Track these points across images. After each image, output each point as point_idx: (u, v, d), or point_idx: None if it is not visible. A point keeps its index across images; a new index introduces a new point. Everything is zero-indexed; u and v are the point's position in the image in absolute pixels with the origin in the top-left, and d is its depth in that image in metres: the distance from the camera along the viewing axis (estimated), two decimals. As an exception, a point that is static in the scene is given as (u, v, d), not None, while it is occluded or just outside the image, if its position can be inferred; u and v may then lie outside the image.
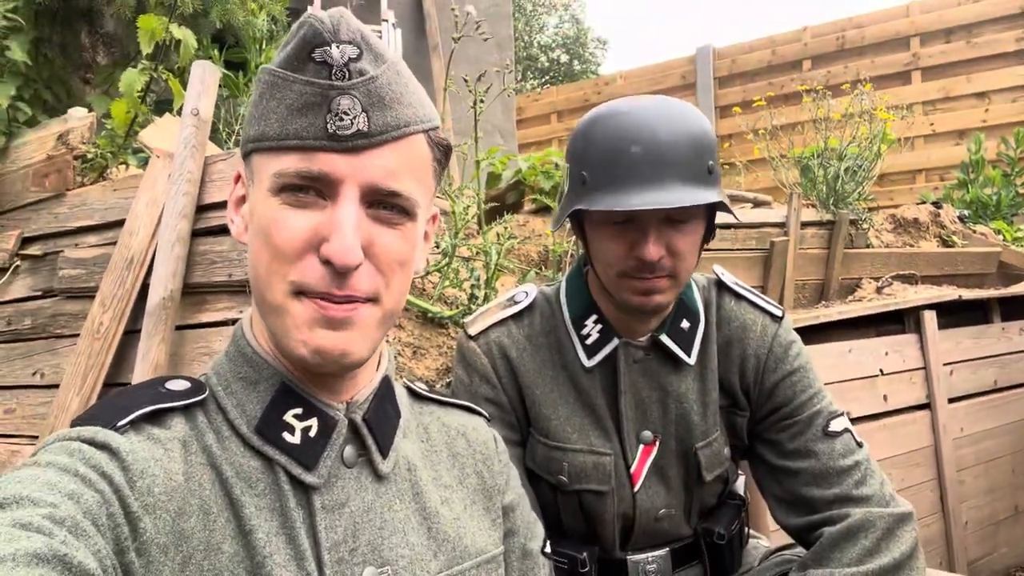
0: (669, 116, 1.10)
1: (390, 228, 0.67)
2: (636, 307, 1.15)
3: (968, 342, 2.89)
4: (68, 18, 2.53)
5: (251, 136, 0.68)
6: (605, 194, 1.09)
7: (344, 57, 0.64)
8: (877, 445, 2.49)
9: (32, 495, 0.53)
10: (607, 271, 1.16)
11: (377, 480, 0.73)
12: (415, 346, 1.87)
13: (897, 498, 1.17)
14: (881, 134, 3.34)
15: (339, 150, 0.64)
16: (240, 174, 0.74)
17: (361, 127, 0.64)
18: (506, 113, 5.83)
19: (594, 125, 1.14)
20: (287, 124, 0.64)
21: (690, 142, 1.09)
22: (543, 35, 17.58)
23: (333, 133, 0.63)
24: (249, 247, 0.70)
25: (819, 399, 1.24)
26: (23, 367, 2.09)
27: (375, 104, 0.65)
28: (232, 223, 0.75)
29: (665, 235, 1.10)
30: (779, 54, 6.45)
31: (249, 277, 0.71)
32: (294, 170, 0.64)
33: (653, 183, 1.06)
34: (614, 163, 1.09)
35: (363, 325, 0.67)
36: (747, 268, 2.97)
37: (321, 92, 0.63)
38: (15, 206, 2.28)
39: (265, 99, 0.66)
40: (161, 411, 0.67)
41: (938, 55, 5.73)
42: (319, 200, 0.65)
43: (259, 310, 0.70)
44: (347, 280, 0.64)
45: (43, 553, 0.48)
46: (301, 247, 0.64)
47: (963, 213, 3.81)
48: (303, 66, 0.64)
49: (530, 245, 2.40)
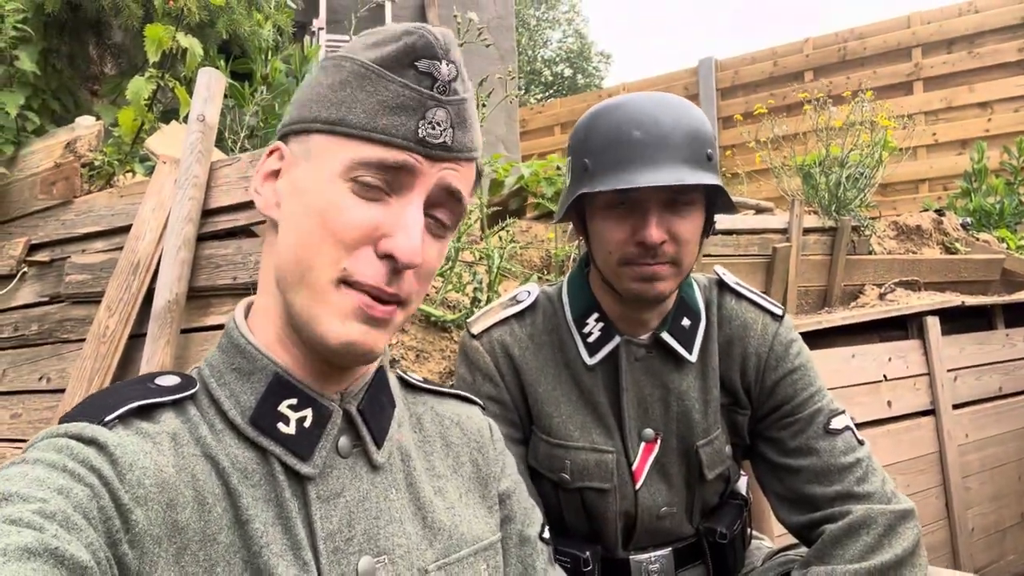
0: (669, 105, 1.13)
1: (435, 240, 0.71)
2: (637, 294, 1.16)
3: (972, 348, 2.89)
4: (76, 29, 2.57)
5: (324, 118, 0.68)
6: (607, 176, 1.10)
7: (450, 75, 0.68)
8: (881, 451, 2.48)
9: (21, 491, 0.53)
10: (608, 260, 1.16)
11: (372, 470, 0.74)
12: (418, 350, 1.88)
13: (898, 495, 1.17)
14: (883, 141, 3.35)
15: (423, 155, 0.67)
16: (279, 147, 0.73)
17: (447, 140, 0.68)
18: (509, 124, 5.87)
19: (596, 118, 1.17)
20: (377, 118, 0.66)
21: (689, 129, 1.11)
22: (547, 49, 17.71)
23: (423, 139, 0.66)
24: (285, 224, 0.69)
25: (820, 397, 1.24)
26: (29, 372, 2.10)
27: (460, 124, 0.69)
28: (258, 194, 0.73)
29: (666, 219, 1.11)
30: (781, 65, 6.48)
31: (280, 255, 0.69)
32: (378, 159, 0.66)
33: (655, 164, 1.08)
34: (616, 146, 1.11)
35: (393, 325, 0.69)
36: (749, 274, 2.97)
37: (420, 99, 0.66)
38: (23, 213, 2.30)
39: (350, 87, 0.67)
40: (150, 406, 0.67)
41: (940, 65, 5.76)
42: (385, 196, 0.67)
43: (287, 290, 0.69)
44: (400, 279, 0.66)
45: (34, 547, 0.48)
46: (359, 237, 0.65)
47: (966, 221, 3.81)
48: (404, 70, 0.66)
49: (532, 250, 2.41)
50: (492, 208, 2.40)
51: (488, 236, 2.02)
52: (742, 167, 4.99)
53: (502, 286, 2.03)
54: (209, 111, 1.87)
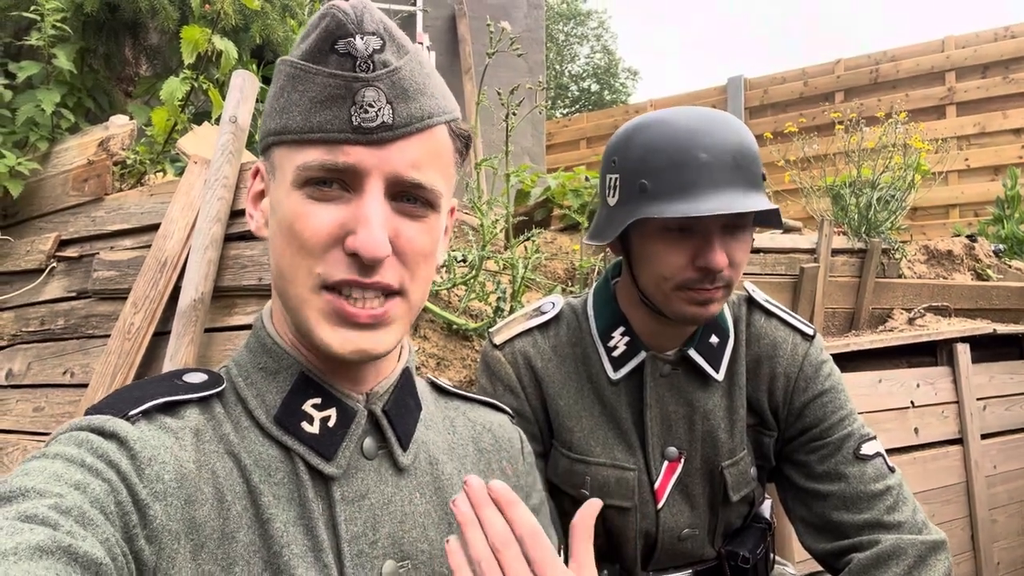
0: (724, 123, 1.09)
1: (414, 221, 0.67)
2: (691, 318, 1.12)
3: (1002, 377, 2.82)
4: (114, 30, 2.60)
5: (272, 129, 0.67)
6: (673, 200, 1.05)
7: (368, 48, 0.63)
8: (907, 479, 2.42)
9: (38, 486, 0.53)
10: (661, 284, 1.12)
11: (397, 473, 0.73)
12: (439, 357, 1.86)
13: (930, 526, 1.14)
14: (915, 163, 3.30)
15: (364, 143, 0.63)
16: (259, 169, 0.73)
17: (386, 119, 0.63)
18: (536, 137, 5.88)
19: (647, 131, 1.11)
20: (311, 117, 0.63)
21: (746, 149, 1.08)
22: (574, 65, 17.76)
23: (358, 126, 0.63)
24: (271, 242, 0.69)
25: (851, 421, 1.21)
26: (54, 366, 2.12)
27: (399, 96, 0.64)
28: (251, 218, 0.74)
29: (726, 244, 1.08)
30: (811, 86, 6.43)
31: (271, 271, 0.70)
32: (319, 163, 0.63)
33: (721, 188, 1.05)
34: (681, 168, 1.06)
35: (391, 320, 0.67)
36: (776, 293, 2.93)
37: (345, 84, 0.63)
38: (54, 209, 2.33)
39: (286, 92, 0.65)
40: (175, 403, 0.67)
41: (974, 90, 5.67)
42: (344, 193, 0.64)
43: (283, 304, 0.69)
44: (374, 272, 0.64)
45: (46, 545, 0.48)
46: (327, 241, 0.64)
47: (998, 247, 3.74)
48: (325, 58, 0.63)
49: (556, 262, 2.40)
50: (518, 218, 2.39)
51: (513, 246, 2.01)
52: (771, 187, 4.95)
53: (525, 296, 2.02)
54: (241, 113, 1.88)
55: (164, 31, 2.63)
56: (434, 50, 5.04)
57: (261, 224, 0.73)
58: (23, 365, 2.19)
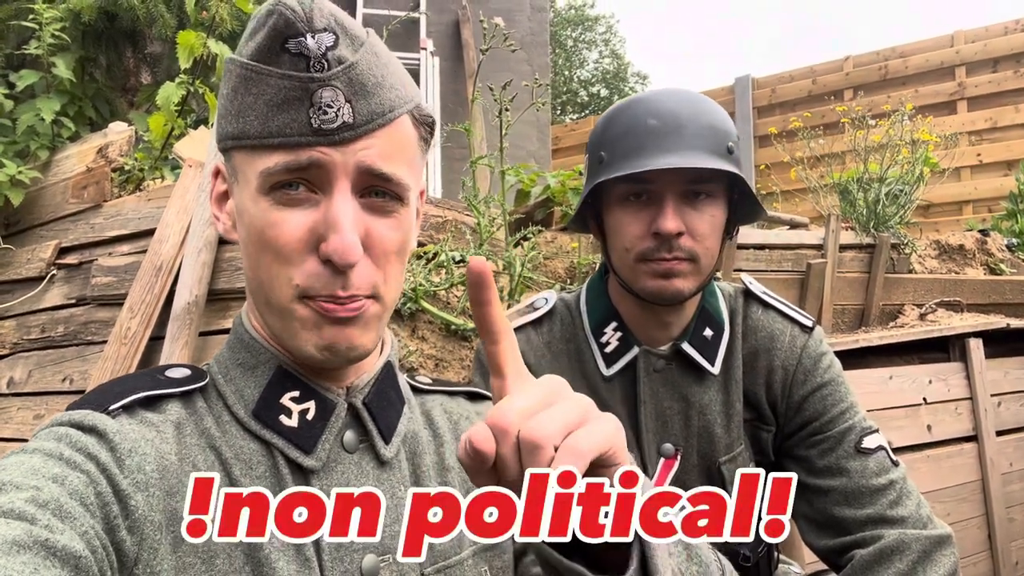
0: (688, 98, 1.11)
1: (384, 217, 0.65)
2: (655, 292, 1.11)
3: (1017, 373, 2.77)
4: (113, 38, 2.62)
5: (230, 133, 0.65)
6: (621, 164, 1.08)
7: (321, 47, 0.60)
8: (921, 478, 2.38)
9: (15, 480, 0.53)
10: (624, 257, 1.12)
11: (379, 466, 0.72)
12: (437, 358, 1.84)
13: (935, 520, 1.10)
14: (923, 157, 3.25)
15: (326, 144, 0.61)
16: (220, 169, 0.71)
17: (346, 119, 0.61)
18: (541, 140, 5.86)
19: (613, 113, 1.16)
20: (268, 121, 0.61)
21: (708, 120, 1.09)
22: (583, 70, 17.75)
23: (318, 128, 0.61)
24: (242, 247, 0.68)
25: (852, 414, 1.18)
26: (54, 374, 2.12)
27: (358, 93, 0.62)
28: (218, 220, 0.72)
29: (683, 211, 1.08)
30: (820, 83, 6.38)
31: (246, 276, 0.69)
32: (283, 164, 0.61)
33: (671, 150, 1.06)
34: (631, 135, 1.09)
35: (367, 320, 0.66)
36: (783, 290, 2.89)
37: (301, 86, 0.60)
38: (54, 217, 2.34)
39: (240, 94, 0.63)
40: (156, 397, 0.67)
41: (985, 84, 5.61)
42: (311, 195, 0.63)
43: (260, 310, 0.68)
44: (349, 278, 0.63)
45: (23, 540, 0.47)
46: (299, 248, 0.63)
47: (1011, 242, 3.68)
48: (277, 58, 0.60)
49: (556, 261, 2.38)
50: (516, 217, 2.37)
51: (509, 244, 1.98)
52: (779, 186, 4.90)
53: (524, 296, 1.99)
54: (235, 115, 1.87)
55: (163, 39, 2.64)
56: (438, 55, 5.04)
57: (229, 227, 0.71)
58: (24, 373, 2.20)
